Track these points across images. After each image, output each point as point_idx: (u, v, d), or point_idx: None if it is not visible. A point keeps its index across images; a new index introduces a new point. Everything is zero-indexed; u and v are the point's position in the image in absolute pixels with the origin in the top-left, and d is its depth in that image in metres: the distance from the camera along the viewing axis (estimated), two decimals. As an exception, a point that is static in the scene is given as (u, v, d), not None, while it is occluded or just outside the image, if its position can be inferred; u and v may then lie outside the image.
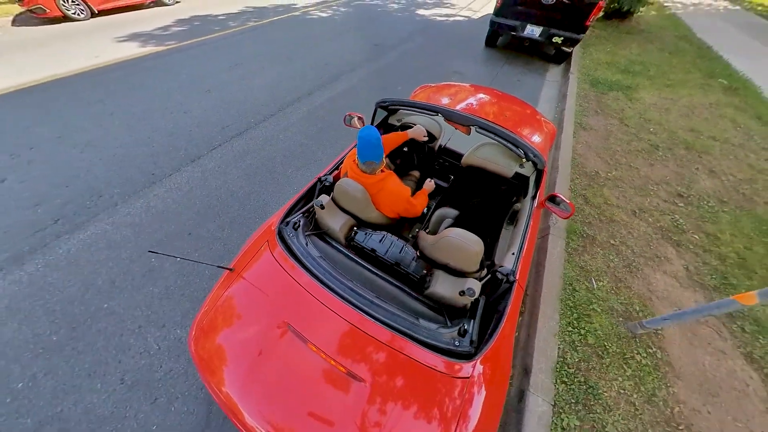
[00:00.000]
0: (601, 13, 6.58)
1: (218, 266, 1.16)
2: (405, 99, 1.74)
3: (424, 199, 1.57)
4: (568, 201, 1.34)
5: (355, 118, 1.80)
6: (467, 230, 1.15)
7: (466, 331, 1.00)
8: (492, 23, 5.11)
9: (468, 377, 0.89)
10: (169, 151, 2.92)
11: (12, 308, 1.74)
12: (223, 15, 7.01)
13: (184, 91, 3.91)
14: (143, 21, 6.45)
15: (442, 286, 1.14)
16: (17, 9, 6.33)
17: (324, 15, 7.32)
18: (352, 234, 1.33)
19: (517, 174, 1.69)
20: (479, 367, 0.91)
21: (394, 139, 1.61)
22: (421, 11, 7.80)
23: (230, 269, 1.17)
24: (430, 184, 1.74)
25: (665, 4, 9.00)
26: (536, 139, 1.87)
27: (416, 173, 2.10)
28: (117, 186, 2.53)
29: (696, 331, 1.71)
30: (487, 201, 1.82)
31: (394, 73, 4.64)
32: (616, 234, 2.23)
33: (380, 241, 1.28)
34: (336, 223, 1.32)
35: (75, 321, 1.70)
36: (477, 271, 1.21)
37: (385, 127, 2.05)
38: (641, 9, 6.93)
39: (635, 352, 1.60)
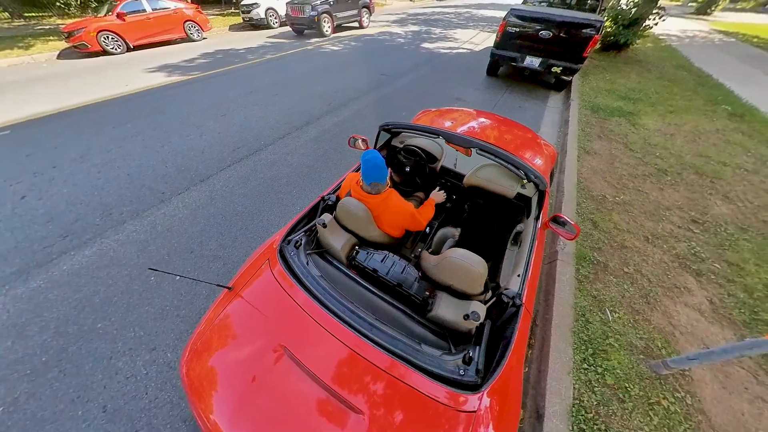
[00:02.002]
0: (597, 45, 6.92)
1: (217, 285, 1.14)
2: (407, 122, 1.80)
3: (431, 211, 1.59)
4: (572, 222, 1.30)
5: (359, 140, 1.86)
6: (470, 251, 1.12)
7: (471, 358, 0.94)
8: (492, 55, 5.40)
9: (474, 411, 0.81)
10: (180, 171, 3.04)
11: (9, 325, 1.73)
12: (243, 49, 7.67)
13: (201, 116, 4.17)
14: (172, 54, 7.11)
15: (446, 309, 1.10)
16: (63, 45, 7.12)
17: (335, 48, 7.92)
18: (354, 253, 1.31)
19: (519, 195, 1.68)
20: (486, 400, 0.83)
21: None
22: (426, 45, 8.36)
23: (229, 288, 1.15)
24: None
25: (660, 37, 9.41)
26: (538, 161, 1.87)
27: (421, 194, 2.11)
28: (127, 204, 2.61)
29: (729, 373, 1.53)
30: (490, 221, 1.79)
31: (399, 99, 4.87)
32: (629, 261, 2.12)
33: (382, 260, 1.25)
34: (338, 242, 1.31)
35: (67, 341, 1.66)
36: (481, 294, 1.17)
37: (388, 149, 2.11)
38: (637, 42, 7.25)
39: (661, 396, 1.43)
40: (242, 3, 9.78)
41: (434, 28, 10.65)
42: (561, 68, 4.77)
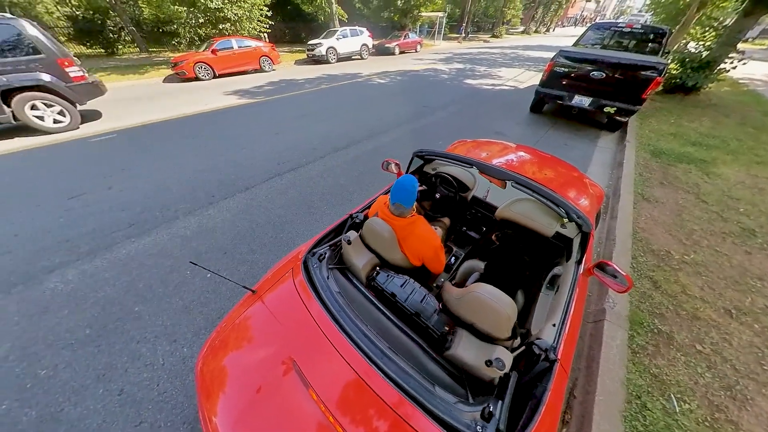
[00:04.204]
0: (660, 87, 6.42)
1: (243, 287, 1.19)
2: (440, 150, 1.80)
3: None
4: (623, 273, 1.11)
5: (392, 164, 1.90)
6: (498, 288, 1.01)
7: (491, 414, 0.81)
8: (537, 93, 5.31)
9: None
10: (231, 179, 3.41)
11: (71, 296, 1.99)
12: (303, 79, 8.75)
13: (257, 133, 4.73)
14: (246, 81, 8.41)
15: (465, 350, 0.99)
16: (168, 72, 8.96)
17: (383, 81, 8.60)
18: (374, 274, 1.28)
19: (558, 235, 1.52)
20: None
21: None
22: (469, 81, 8.64)
23: (252, 291, 1.19)
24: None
25: (740, 81, 8.42)
26: (583, 202, 1.70)
27: (446, 220, 2.05)
28: (183, 203, 2.97)
29: None
30: (523, 259, 1.63)
31: (438, 129, 4.98)
32: (704, 337, 1.71)
33: (401, 285, 1.20)
34: (360, 260, 1.30)
35: (108, 319, 1.84)
36: (508, 339, 1.03)
37: (419, 174, 2.12)
38: (710, 85, 6.57)
39: None
40: (309, 43, 12.00)
41: (479, 66, 11.04)
42: (615, 108, 4.48)
